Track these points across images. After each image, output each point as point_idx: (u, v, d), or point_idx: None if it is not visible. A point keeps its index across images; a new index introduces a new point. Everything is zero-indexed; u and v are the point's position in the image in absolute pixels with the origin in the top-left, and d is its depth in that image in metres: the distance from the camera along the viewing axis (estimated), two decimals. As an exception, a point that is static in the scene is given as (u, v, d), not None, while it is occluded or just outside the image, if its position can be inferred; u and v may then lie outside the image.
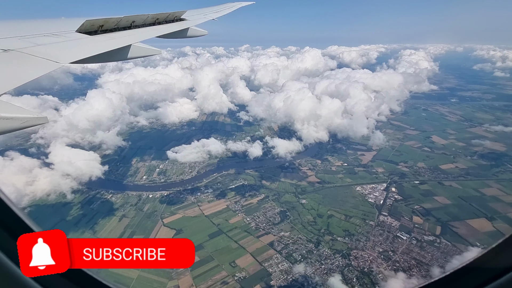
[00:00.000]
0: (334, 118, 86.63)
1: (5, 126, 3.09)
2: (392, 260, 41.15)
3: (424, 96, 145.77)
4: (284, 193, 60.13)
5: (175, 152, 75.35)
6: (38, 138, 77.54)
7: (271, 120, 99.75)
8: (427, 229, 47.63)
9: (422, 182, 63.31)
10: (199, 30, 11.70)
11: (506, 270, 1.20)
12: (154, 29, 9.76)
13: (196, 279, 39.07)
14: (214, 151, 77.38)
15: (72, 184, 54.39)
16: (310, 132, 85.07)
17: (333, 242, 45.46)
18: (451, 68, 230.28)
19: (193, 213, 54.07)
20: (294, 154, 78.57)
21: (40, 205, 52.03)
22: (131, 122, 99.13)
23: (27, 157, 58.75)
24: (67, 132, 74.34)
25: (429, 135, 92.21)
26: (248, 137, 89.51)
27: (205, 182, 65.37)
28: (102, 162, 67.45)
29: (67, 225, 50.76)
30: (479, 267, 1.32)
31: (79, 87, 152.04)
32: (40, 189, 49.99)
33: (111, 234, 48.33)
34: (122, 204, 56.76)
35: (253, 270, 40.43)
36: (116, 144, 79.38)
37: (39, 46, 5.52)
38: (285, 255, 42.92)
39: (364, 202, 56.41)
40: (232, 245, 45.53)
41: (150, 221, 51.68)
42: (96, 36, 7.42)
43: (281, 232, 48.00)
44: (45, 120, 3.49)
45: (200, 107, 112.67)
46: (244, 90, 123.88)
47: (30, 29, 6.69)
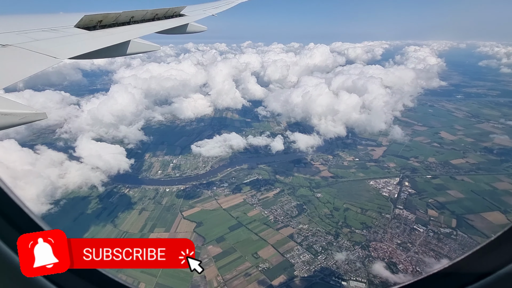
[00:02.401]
0: (352, 113, 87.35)
1: (3, 121, 3.02)
2: (411, 251, 42.18)
3: (429, 93, 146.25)
4: (298, 187, 61.02)
5: (198, 147, 76.80)
6: (63, 133, 78.71)
7: (288, 115, 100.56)
8: (443, 221, 48.59)
9: (434, 176, 64.21)
10: (198, 26, 11.55)
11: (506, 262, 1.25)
12: (153, 25, 9.65)
13: (221, 269, 40.06)
14: (236, 145, 78.63)
15: (102, 177, 55.28)
16: (328, 127, 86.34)
17: (351, 234, 46.44)
18: (455, 64, 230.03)
19: (211, 206, 54.97)
20: (312, 149, 79.73)
21: (61, 199, 52.97)
22: (148, 117, 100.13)
23: (54, 151, 59.61)
24: (91, 127, 75.21)
25: (437, 131, 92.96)
26: (268, 132, 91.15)
27: (219, 177, 66.23)
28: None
29: (88, 218, 51.69)
30: (478, 259, 1.36)
31: (88, 83, 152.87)
32: (72, 182, 50.86)
33: (132, 227, 49.29)
34: (140, 198, 57.64)
35: (275, 261, 41.41)
36: (137, 139, 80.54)
37: (38, 41, 5.45)
38: (306, 246, 43.91)
39: (378, 196, 57.34)
40: (252, 237, 46.50)
41: (169, 214, 52.59)
42: (94, 31, 7.35)
43: (300, 225, 48.95)
44: (44, 116, 3.41)
45: (213, 103, 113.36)
46: (255, 86, 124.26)
47: (28, 24, 6.58)
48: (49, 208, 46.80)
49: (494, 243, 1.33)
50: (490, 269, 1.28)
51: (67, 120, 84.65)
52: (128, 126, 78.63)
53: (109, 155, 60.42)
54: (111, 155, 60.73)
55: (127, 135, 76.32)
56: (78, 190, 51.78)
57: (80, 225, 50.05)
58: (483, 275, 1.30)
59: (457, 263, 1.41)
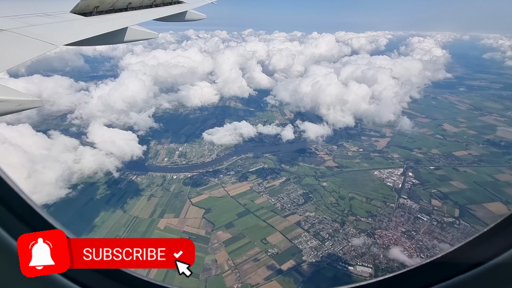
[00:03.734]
0: (361, 103, 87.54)
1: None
2: (415, 239, 43.47)
3: (432, 84, 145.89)
4: (304, 176, 61.86)
5: (209, 134, 77.39)
6: (74, 119, 78.93)
7: (297, 105, 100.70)
8: (446, 211, 49.80)
9: (437, 167, 65.19)
10: (197, 14, 11.35)
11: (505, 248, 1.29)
12: (151, 12, 9.51)
13: (231, 254, 41.21)
14: (246, 134, 79.19)
15: (116, 163, 55.79)
16: (336, 117, 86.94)
17: (357, 222, 47.59)
18: (458, 56, 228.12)
19: (218, 193, 55.82)
20: (322, 138, 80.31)
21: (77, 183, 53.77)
22: (154, 105, 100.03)
23: (67, 137, 59.81)
24: (102, 113, 75.18)
25: (440, 123, 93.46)
26: (277, 121, 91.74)
27: (225, 165, 66.89)
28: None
29: (97, 204, 52.42)
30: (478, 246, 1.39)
31: (90, 69, 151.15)
32: (87, 167, 51.37)
33: (142, 212, 50.15)
34: (148, 185, 58.33)
35: (284, 247, 42.58)
36: (147, 126, 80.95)
37: (33, 26, 5.32)
38: (313, 233, 45.07)
39: (383, 185, 58.35)
40: (260, 224, 47.56)
41: (178, 201, 53.44)
42: (91, 17, 7.18)
43: (306, 213, 50.01)
44: (41, 104, 3.40)
45: (220, 91, 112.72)
46: (261, 75, 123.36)
47: (22, 8, 6.45)
48: (67, 193, 47.53)
49: (486, 234, 1.37)
50: (482, 260, 1.33)
51: (77, 106, 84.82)
52: (139, 113, 78.59)
53: (122, 141, 60.79)
54: (124, 141, 61.09)
55: (137, 122, 76.38)
56: (94, 175, 52.46)
57: (90, 210, 50.84)
58: (474, 265, 1.35)
59: (449, 253, 1.46)
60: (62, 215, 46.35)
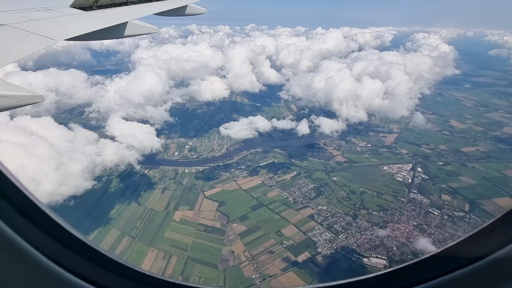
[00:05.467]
0: (374, 98, 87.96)
1: (0, 103, 2.99)
2: (427, 232, 44.27)
3: (438, 81, 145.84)
4: (314, 171, 62.53)
5: (226, 129, 78.60)
6: (92, 112, 79.95)
7: (310, 100, 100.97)
8: (457, 206, 50.53)
9: (446, 163, 65.79)
10: (198, 8, 11.18)
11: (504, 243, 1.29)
12: (151, 6, 9.44)
13: (247, 245, 42.05)
14: (262, 128, 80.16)
15: (137, 155, 56.54)
16: (350, 113, 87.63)
17: (369, 215, 48.35)
18: (462, 53, 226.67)
19: (231, 187, 56.54)
20: (337, 133, 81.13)
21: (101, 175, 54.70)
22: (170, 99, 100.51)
23: (86, 129, 60.45)
24: (120, 106, 75.90)
25: (447, 119, 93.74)
26: (291, 116, 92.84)
27: (236, 159, 67.53)
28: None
29: (112, 196, 53.17)
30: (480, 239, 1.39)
31: (97, 63, 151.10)
32: (109, 160, 52.14)
33: (157, 205, 50.95)
34: (160, 178, 59.05)
35: (298, 239, 43.40)
36: (162, 120, 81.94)
37: (33, 21, 5.31)
38: (326, 226, 45.86)
39: (393, 180, 59.03)
40: (274, 217, 48.33)
41: (191, 194, 54.19)
42: (91, 12, 7.16)
43: (319, 206, 50.75)
44: (41, 99, 3.36)
45: (230, 86, 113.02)
46: (269, 70, 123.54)
47: (22, 2, 6.45)
48: (93, 184, 48.35)
49: (486, 229, 1.38)
50: (482, 254, 1.33)
51: (94, 99, 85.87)
52: (155, 107, 79.31)
53: (141, 134, 61.47)
54: (143, 134, 61.76)
55: (153, 115, 77.03)
56: (116, 167, 53.26)
57: (105, 202, 51.60)
58: (474, 259, 1.35)
59: (449, 248, 1.48)
60: (82, 207, 47.44)
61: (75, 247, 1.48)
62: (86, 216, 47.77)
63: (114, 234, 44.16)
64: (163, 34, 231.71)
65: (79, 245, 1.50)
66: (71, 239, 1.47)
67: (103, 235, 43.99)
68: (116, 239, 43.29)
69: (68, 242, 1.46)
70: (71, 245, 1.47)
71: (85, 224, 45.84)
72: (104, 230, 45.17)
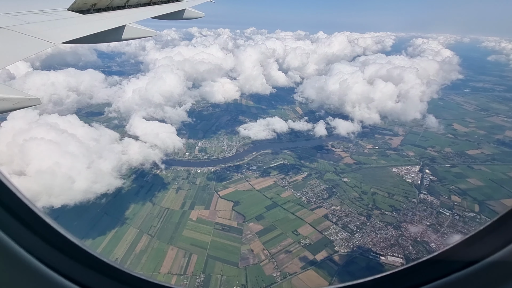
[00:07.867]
0: (387, 101, 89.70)
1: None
2: (440, 232, 45.28)
3: (439, 86, 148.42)
4: (325, 172, 63.43)
5: (244, 129, 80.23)
6: (112, 112, 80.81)
7: (323, 102, 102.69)
8: (466, 206, 51.72)
9: (452, 165, 67.20)
10: (196, 12, 11.22)
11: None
12: (149, 10, 9.43)
13: (265, 244, 42.62)
14: (279, 129, 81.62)
15: (160, 155, 56.96)
16: (363, 115, 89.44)
17: (382, 215, 49.28)
18: (460, 58, 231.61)
19: (244, 187, 57.15)
20: (354, 134, 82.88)
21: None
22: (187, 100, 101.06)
23: (108, 129, 60.77)
24: (139, 106, 76.53)
25: (449, 123, 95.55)
26: (306, 117, 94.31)
27: (246, 160, 68.23)
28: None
29: (126, 196, 53.38)
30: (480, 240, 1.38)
31: (102, 64, 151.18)
32: (134, 159, 52.50)
33: (173, 204, 51.33)
34: (174, 178, 59.46)
35: (315, 238, 44.09)
36: (180, 120, 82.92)
37: (30, 24, 5.31)
38: (341, 225, 46.65)
39: (402, 181, 60.14)
40: (289, 216, 49.02)
41: (206, 194, 54.69)
42: (88, 15, 7.16)
43: (332, 206, 51.59)
44: (38, 102, 3.33)
45: (241, 88, 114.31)
46: (277, 72, 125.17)
47: (19, 6, 6.44)
48: (123, 182, 48.67)
49: (483, 232, 1.38)
50: (479, 257, 1.33)
51: (114, 99, 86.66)
52: (175, 107, 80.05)
53: (163, 134, 62.06)
54: (165, 134, 62.33)
55: (171, 116, 77.70)
56: (141, 166, 53.62)
57: (118, 202, 51.80)
58: (472, 263, 1.35)
59: (446, 251, 1.47)
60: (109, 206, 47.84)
61: (69, 251, 1.48)
62: (103, 215, 47.99)
63: (132, 233, 44.44)
64: (165, 36, 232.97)
65: (73, 250, 1.50)
66: (65, 244, 1.48)
67: (122, 234, 44.26)
68: (135, 237, 43.57)
69: (62, 246, 1.46)
70: (66, 249, 1.47)
71: (103, 222, 46.13)
72: (121, 229, 45.42)
